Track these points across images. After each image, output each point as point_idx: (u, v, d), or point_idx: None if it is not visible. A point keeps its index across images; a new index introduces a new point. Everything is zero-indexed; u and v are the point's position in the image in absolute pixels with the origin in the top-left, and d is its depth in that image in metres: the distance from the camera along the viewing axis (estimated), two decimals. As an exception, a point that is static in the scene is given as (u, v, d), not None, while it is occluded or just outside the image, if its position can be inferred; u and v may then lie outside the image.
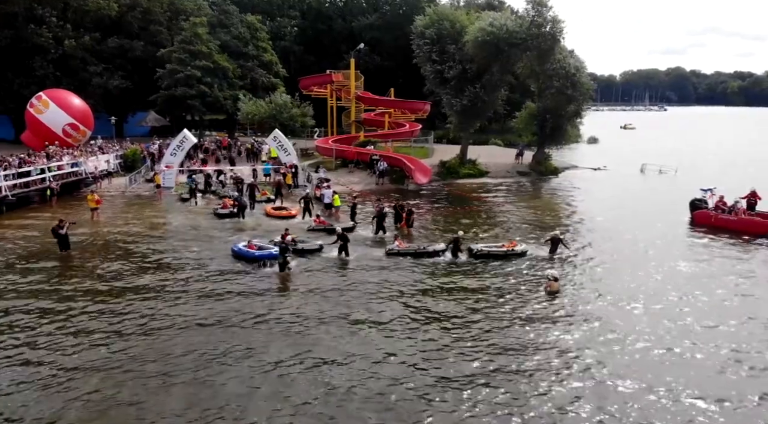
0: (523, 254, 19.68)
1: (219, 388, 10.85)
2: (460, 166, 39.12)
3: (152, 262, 19.13)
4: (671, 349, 12.64)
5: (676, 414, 10.09)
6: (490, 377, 11.29)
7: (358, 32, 66.52)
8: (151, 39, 52.64)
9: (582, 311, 14.82)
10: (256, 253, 18.98)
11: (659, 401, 10.49)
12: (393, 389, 10.85)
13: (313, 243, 20.44)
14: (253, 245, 19.53)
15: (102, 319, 14.18)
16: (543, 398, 10.58)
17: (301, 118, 45.52)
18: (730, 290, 16.61)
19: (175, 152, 33.70)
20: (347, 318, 14.25)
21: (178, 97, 48.59)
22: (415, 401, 10.47)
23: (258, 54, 57.52)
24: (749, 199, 24.22)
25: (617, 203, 30.19)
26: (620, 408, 10.25)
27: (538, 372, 11.50)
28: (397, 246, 19.89)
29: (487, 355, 12.24)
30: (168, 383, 11.06)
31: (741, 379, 11.38)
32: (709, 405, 10.37)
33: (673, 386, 10.97)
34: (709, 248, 21.35)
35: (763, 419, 10.00)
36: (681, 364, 11.97)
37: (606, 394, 10.74)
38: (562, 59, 37.47)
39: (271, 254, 18.60)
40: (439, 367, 11.68)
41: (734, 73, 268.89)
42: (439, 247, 20.01)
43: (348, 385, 10.97)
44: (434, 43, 37.42)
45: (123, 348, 12.52)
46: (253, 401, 10.43)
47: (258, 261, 18.63)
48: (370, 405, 10.32)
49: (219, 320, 14.05)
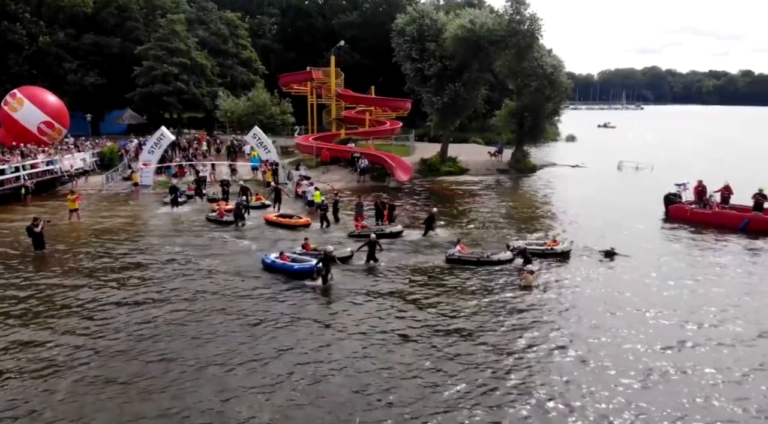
0: (565, 255, 18.94)
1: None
2: (441, 163, 39.31)
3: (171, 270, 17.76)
4: (649, 339, 12.89)
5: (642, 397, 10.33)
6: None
7: (338, 30, 66.37)
8: (127, 36, 51.92)
9: (562, 305, 15.02)
10: (295, 266, 17.29)
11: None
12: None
13: (344, 250, 18.99)
14: (286, 256, 17.91)
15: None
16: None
17: (281, 115, 45.28)
18: (710, 280, 17.06)
19: (153, 150, 33.32)
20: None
21: (155, 95, 48.03)
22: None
23: (237, 51, 57.10)
24: (723, 193, 24.77)
25: (594, 199, 30.62)
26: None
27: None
28: (459, 251, 18.55)
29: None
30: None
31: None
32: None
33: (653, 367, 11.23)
34: (684, 240, 21.79)
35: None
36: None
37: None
38: (540, 58, 37.91)
39: (312, 266, 16.84)
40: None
41: (709, 73, 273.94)
42: (505, 256, 18.41)
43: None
44: (414, 41, 37.56)
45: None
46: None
47: (301, 274, 16.85)
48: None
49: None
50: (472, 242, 20.75)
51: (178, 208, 26.87)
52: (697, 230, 23.04)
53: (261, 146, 33.94)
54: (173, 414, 9.89)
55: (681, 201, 25.33)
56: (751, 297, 15.64)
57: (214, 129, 57.67)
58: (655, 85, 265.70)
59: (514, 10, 35.91)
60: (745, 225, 22.63)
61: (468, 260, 18.15)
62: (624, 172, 41.09)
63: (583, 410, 10.05)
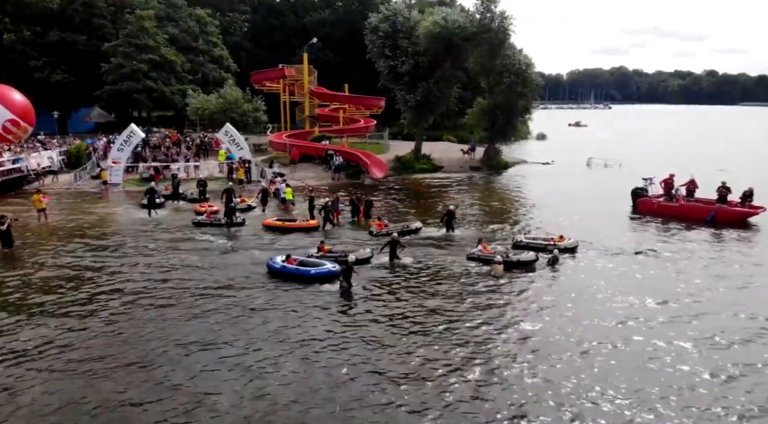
0: (573, 250, 18.96)
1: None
2: (415, 161, 39.57)
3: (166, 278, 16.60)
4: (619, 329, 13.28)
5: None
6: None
7: (310, 28, 65.98)
8: (95, 33, 50.91)
9: (538, 298, 15.32)
10: (311, 270, 16.09)
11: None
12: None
13: (363, 251, 18.23)
14: (293, 259, 16.67)
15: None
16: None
17: (254, 113, 44.95)
18: (677, 268, 17.68)
19: (122, 148, 32.72)
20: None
21: (123, 92, 47.26)
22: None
23: (208, 49, 56.52)
24: (688, 187, 25.53)
25: (564, 194, 31.20)
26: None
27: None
28: (480, 250, 18.20)
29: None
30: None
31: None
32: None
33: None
34: (653, 231, 22.45)
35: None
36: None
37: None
38: (511, 56, 38.42)
39: (330, 271, 15.96)
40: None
41: (675, 73, 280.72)
42: (529, 257, 17.85)
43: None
44: (387, 38, 37.73)
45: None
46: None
47: (318, 279, 15.83)
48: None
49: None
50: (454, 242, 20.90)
51: (156, 212, 24.87)
52: (665, 221, 23.76)
53: (233, 143, 33.64)
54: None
55: (648, 195, 26.05)
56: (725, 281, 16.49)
57: (185, 127, 56.96)
58: (623, 85, 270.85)
59: (484, 7, 36.38)
60: (712, 217, 23.42)
61: (489, 259, 17.57)
62: (593, 169, 41.92)
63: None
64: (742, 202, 24.04)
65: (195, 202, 26.85)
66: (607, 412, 9.79)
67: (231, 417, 9.58)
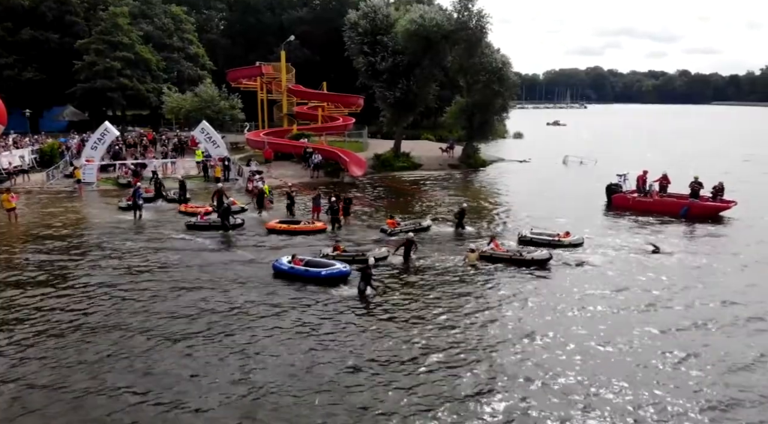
0: (578, 246, 18.91)
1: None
2: (395, 159, 39.60)
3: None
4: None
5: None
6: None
7: (288, 26, 65.62)
8: (68, 30, 49.97)
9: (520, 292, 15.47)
10: (322, 271, 15.45)
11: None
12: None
13: (381, 250, 17.86)
14: (299, 260, 16.11)
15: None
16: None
17: (230, 110, 44.54)
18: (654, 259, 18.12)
19: (96, 146, 32.15)
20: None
21: (97, 90, 46.45)
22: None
23: (183, 46, 55.81)
24: (661, 182, 26.05)
25: (541, 190, 31.64)
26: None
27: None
28: (492, 248, 18.02)
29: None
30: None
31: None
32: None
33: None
34: (626, 226, 22.79)
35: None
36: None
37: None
38: (489, 55, 38.68)
39: (341, 271, 15.46)
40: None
41: (648, 73, 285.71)
42: (542, 255, 17.49)
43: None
44: (366, 35, 37.70)
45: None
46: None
47: (329, 280, 15.26)
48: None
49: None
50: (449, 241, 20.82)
51: (141, 215, 23.39)
52: (641, 216, 24.20)
53: (210, 141, 33.29)
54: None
55: (622, 190, 26.50)
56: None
57: (160, 126, 56.19)
58: (598, 84, 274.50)
59: (462, 5, 36.60)
60: (685, 212, 23.94)
61: (501, 257, 17.53)
62: (569, 167, 42.44)
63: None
64: (714, 196, 24.62)
65: (175, 203, 26.05)
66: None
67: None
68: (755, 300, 14.77)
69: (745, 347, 12.05)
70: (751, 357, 11.60)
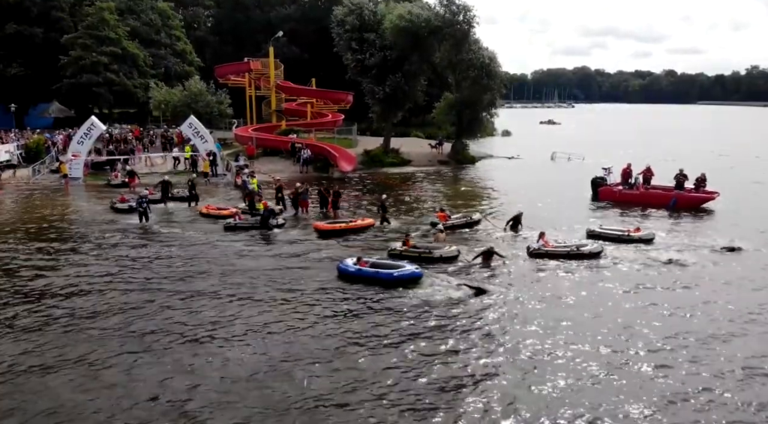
0: (649, 241, 18.41)
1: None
2: (384, 155, 39.67)
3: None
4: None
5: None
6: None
7: (276, 23, 65.39)
8: (53, 26, 49.54)
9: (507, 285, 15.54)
10: (394, 273, 14.69)
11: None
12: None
13: (448, 249, 16.89)
14: (364, 261, 15.43)
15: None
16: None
17: (218, 105, 44.35)
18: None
19: (83, 141, 31.90)
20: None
21: (83, 86, 46.06)
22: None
23: (171, 42, 55.53)
24: (645, 174, 26.35)
25: (530, 185, 31.78)
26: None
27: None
28: (543, 245, 17.07)
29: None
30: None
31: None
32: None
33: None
34: (613, 218, 23.00)
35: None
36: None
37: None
38: (476, 50, 38.84)
39: (413, 273, 14.83)
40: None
41: (635, 73, 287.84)
42: (595, 248, 16.90)
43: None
44: (354, 31, 37.74)
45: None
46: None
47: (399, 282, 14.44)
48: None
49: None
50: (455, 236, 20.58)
51: (148, 219, 21.60)
52: (628, 208, 24.50)
53: (198, 136, 33.11)
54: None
55: (607, 183, 26.80)
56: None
57: (147, 123, 55.86)
58: (585, 84, 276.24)
59: (448, 1, 36.76)
60: (673, 203, 24.20)
61: (555, 253, 16.82)
62: (557, 163, 42.72)
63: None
64: (696, 187, 25.01)
65: (181, 202, 24.90)
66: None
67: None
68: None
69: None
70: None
